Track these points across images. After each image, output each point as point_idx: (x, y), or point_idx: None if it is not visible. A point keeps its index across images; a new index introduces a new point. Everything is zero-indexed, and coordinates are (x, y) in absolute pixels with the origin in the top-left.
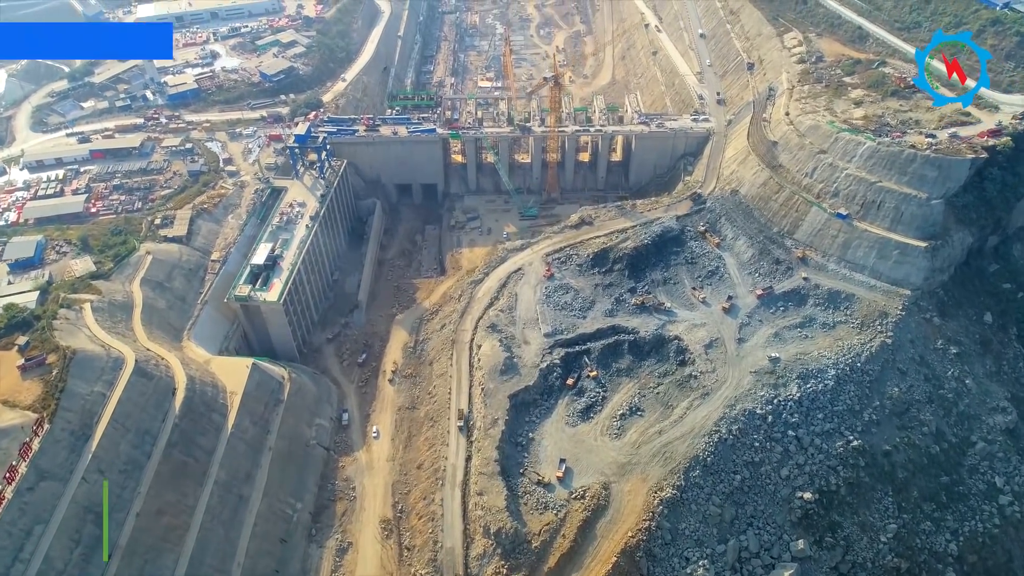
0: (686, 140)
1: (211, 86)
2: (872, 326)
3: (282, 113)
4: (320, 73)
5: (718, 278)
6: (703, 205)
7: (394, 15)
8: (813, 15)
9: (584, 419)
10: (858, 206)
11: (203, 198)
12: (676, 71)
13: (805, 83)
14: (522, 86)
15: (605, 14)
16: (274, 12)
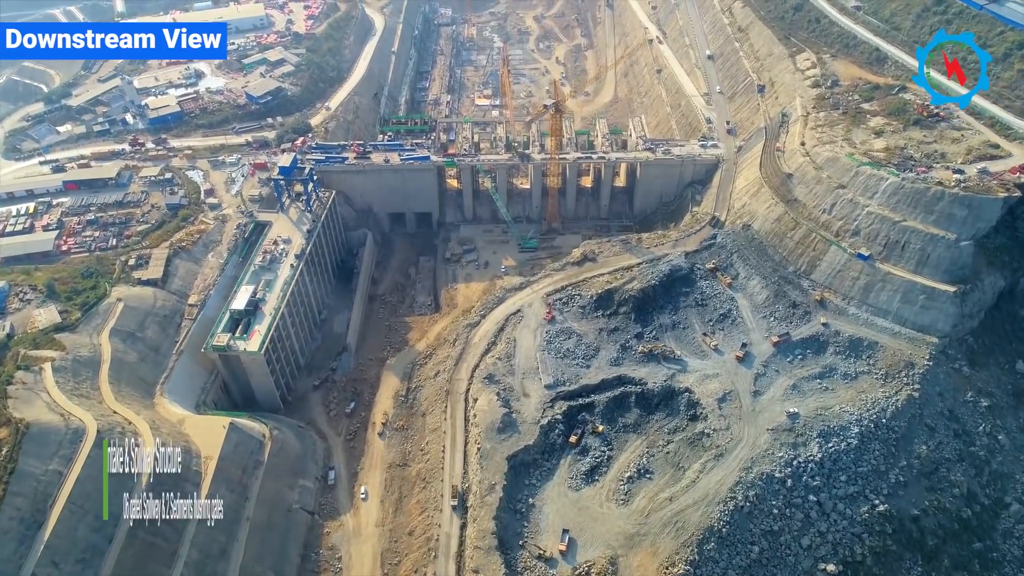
0: (694, 167)
1: (194, 109)
2: (897, 377)
3: (268, 138)
4: (309, 94)
5: (730, 322)
6: (717, 237)
7: (388, 30)
8: (827, 34)
9: (588, 482)
10: (880, 246)
11: (181, 235)
12: (682, 91)
13: (821, 109)
14: (521, 105)
15: (607, 28)
16: (262, 28)
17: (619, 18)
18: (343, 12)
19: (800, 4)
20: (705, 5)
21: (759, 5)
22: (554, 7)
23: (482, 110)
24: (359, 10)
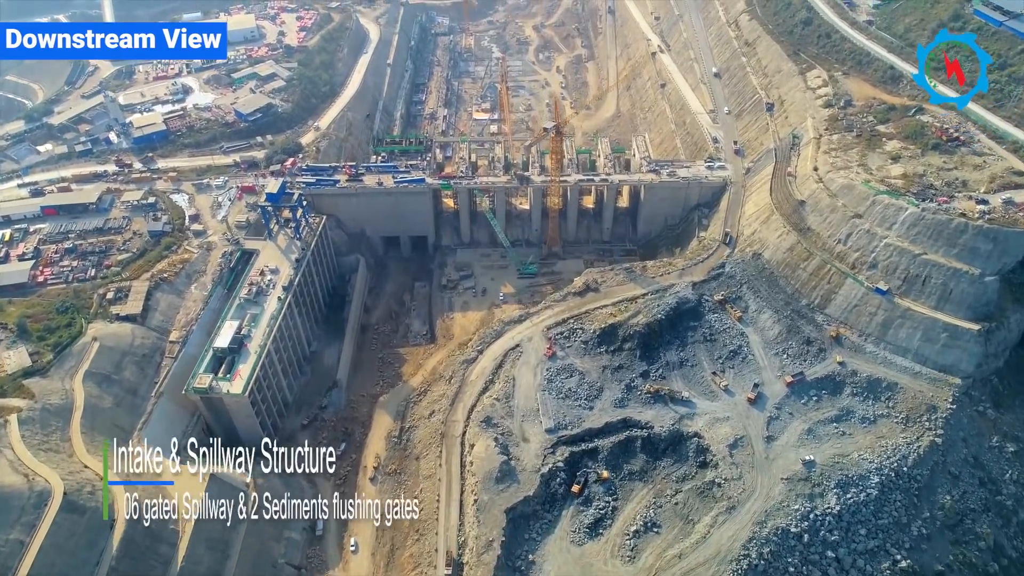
0: (700, 190)
1: (181, 127)
2: (919, 421)
3: (257, 158)
4: (301, 110)
5: (741, 359)
6: (725, 266)
7: (383, 41)
8: (838, 51)
9: (592, 536)
10: (900, 280)
11: (163, 265)
12: (687, 108)
13: (834, 131)
14: (520, 119)
15: (608, 38)
16: (253, 40)
17: (621, 28)
18: (337, 23)
19: (809, 18)
20: (710, 17)
21: (767, 18)
22: (554, 16)
23: (480, 124)
24: (353, 21)
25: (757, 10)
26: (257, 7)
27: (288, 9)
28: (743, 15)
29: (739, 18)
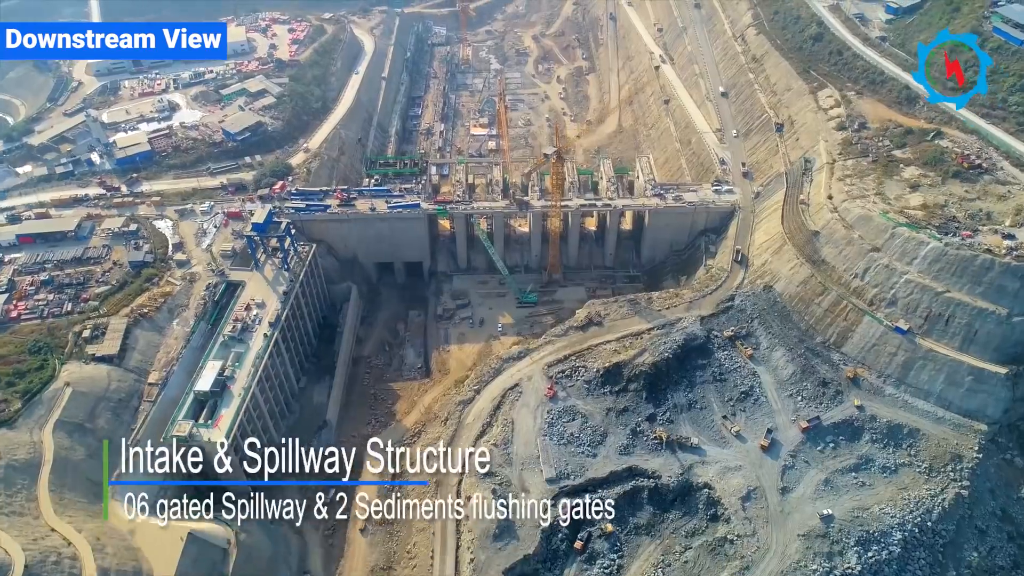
0: (707, 215)
1: (166, 147)
2: (943, 471)
3: (245, 180)
4: (291, 128)
5: (753, 401)
6: (735, 299)
7: (378, 53)
8: (850, 69)
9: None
10: (921, 319)
11: (144, 299)
12: (692, 126)
13: (848, 156)
14: (519, 135)
15: (610, 50)
16: (243, 54)
17: (623, 40)
18: (330, 35)
19: (820, 34)
20: (715, 30)
21: (775, 33)
22: (553, 26)
23: (478, 141)
24: (347, 33)
25: (764, 24)
26: (248, 19)
27: (280, 21)
28: (750, 29)
29: (746, 32)
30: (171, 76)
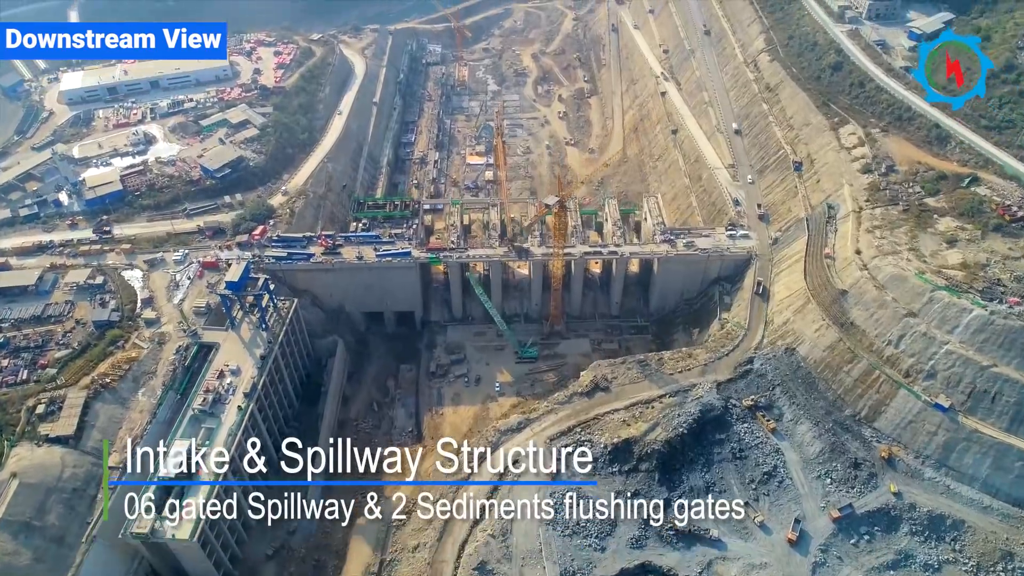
0: (721, 263)
1: (140, 185)
2: (992, 571)
3: (223, 223)
4: (275, 163)
5: (777, 483)
6: (754, 362)
7: (369, 76)
8: (874, 103)
9: None
10: (964, 395)
11: (107, 366)
12: (703, 160)
13: (876, 204)
14: (517, 164)
15: (612, 71)
16: (226, 80)
17: (626, 61)
18: (318, 58)
19: (839, 63)
20: (725, 54)
21: (790, 60)
22: (553, 43)
23: (474, 170)
24: (336, 55)
25: (779, 50)
26: (232, 40)
27: (266, 43)
28: (763, 55)
29: (758, 58)
30: (148, 104)
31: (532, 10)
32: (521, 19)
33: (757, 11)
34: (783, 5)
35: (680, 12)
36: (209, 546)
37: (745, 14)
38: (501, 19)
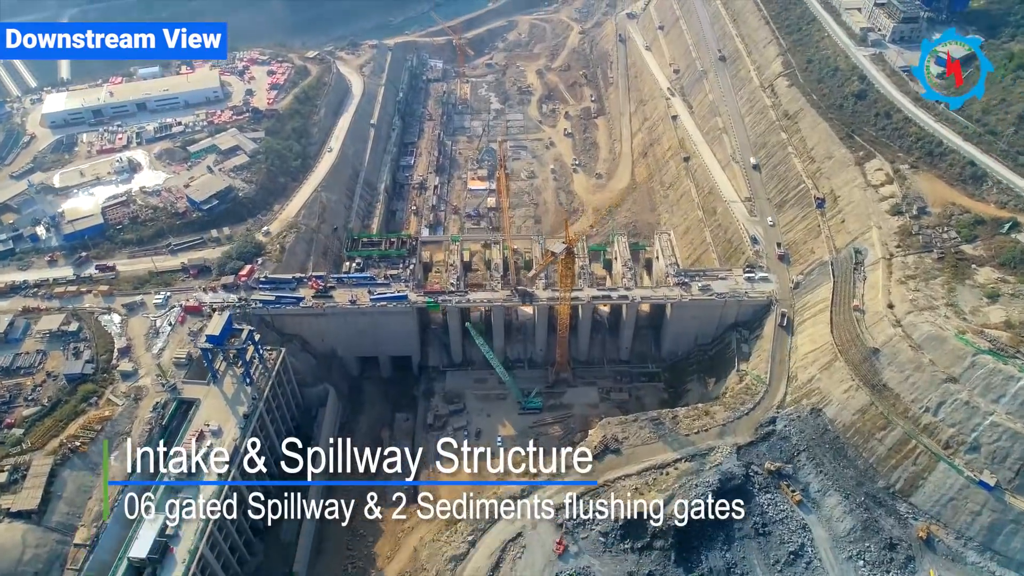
0: (739, 308)
1: (122, 218)
2: None
3: (209, 260)
4: (266, 193)
5: (805, 565)
6: (777, 422)
7: (367, 96)
8: (902, 136)
9: None
10: (1011, 472)
11: (77, 427)
12: (717, 192)
13: (908, 250)
14: (520, 189)
15: (620, 90)
16: (216, 102)
17: (635, 80)
18: (314, 77)
19: (863, 91)
20: (740, 76)
21: (810, 86)
22: (559, 58)
23: (476, 196)
24: (333, 74)
25: (797, 75)
26: (224, 59)
27: (259, 62)
28: (780, 79)
29: (776, 82)
30: (135, 128)
31: (537, 22)
32: (526, 32)
33: (774, 31)
34: (801, 26)
35: (691, 30)
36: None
37: (761, 34)
38: (505, 31)
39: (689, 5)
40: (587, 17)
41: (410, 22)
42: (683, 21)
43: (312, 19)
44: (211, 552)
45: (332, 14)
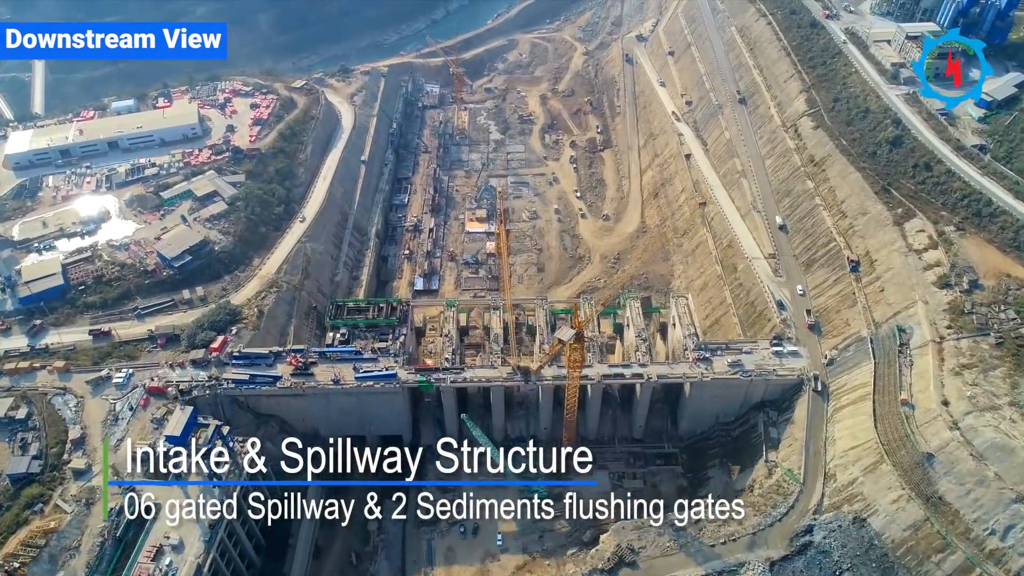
0: (766, 387)
1: (85, 277)
2: None
3: (179, 327)
4: (244, 245)
5: None
6: (813, 532)
7: (358, 129)
8: (944, 191)
9: None
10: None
11: (17, 542)
12: (737, 245)
13: (961, 332)
14: (522, 232)
15: (628, 121)
16: (194, 139)
17: (643, 110)
18: (300, 111)
19: (898, 138)
20: (759, 113)
21: (838, 129)
22: (562, 82)
23: (474, 241)
24: (321, 107)
25: (823, 116)
26: (205, 90)
27: (242, 93)
28: (804, 119)
29: (799, 122)
30: (104, 170)
31: (539, 41)
32: (527, 52)
33: (795, 64)
34: (825, 59)
35: (704, 58)
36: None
37: (781, 67)
38: (505, 51)
39: (701, 30)
40: (591, 37)
41: (405, 41)
42: (695, 48)
43: (303, 39)
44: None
45: (323, 34)
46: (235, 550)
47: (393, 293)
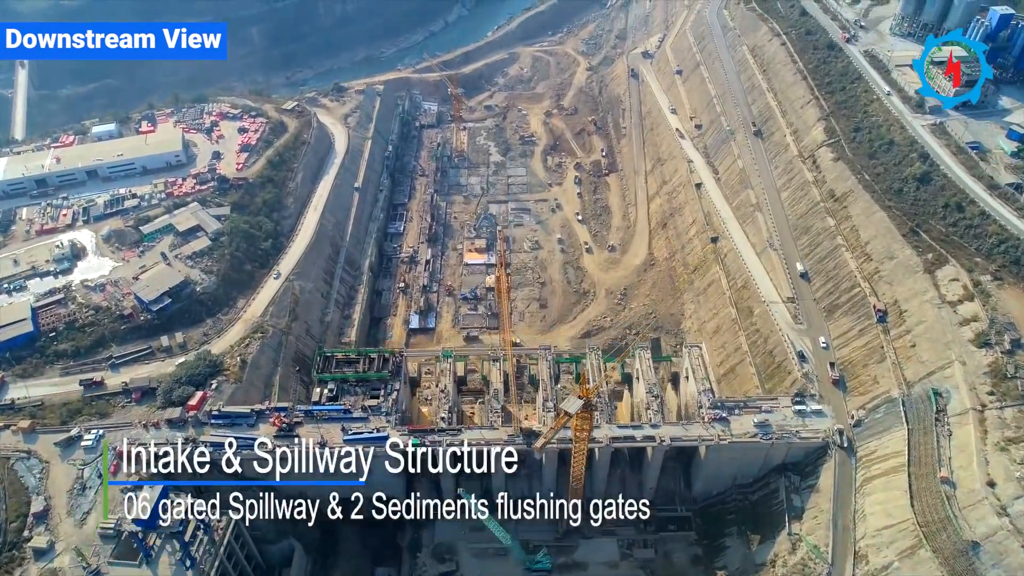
0: (788, 449)
1: (57, 322)
2: None
3: (155, 379)
4: (228, 285)
5: None
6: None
7: (352, 153)
8: (979, 235)
9: None
10: None
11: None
12: (752, 287)
13: (1004, 400)
14: (523, 264)
15: (634, 143)
16: (178, 167)
17: (650, 132)
18: (291, 135)
19: (927, 175)
20: (774, 141)
21: (860, 162)
22: (565, 99)
23: (473, 273)
24: (313, 130)
25: (844, 147)
26: (191, 112)
27: (230, 116)
28: (823, 150)
29: (817, 153)
30: (82, 202)
31: (540, 55)
32: (528, 66)
33: (812, 89)
34: (844, 84)
35: (715, 79)
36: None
37: (797, 91)
38: (506, 65)
39: (711, 49)
40: (595, 51)
41: (403, 54)
42: (704, 68)
43: (296, 52)
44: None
45: (318, 47)
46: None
47: (387, 331)
